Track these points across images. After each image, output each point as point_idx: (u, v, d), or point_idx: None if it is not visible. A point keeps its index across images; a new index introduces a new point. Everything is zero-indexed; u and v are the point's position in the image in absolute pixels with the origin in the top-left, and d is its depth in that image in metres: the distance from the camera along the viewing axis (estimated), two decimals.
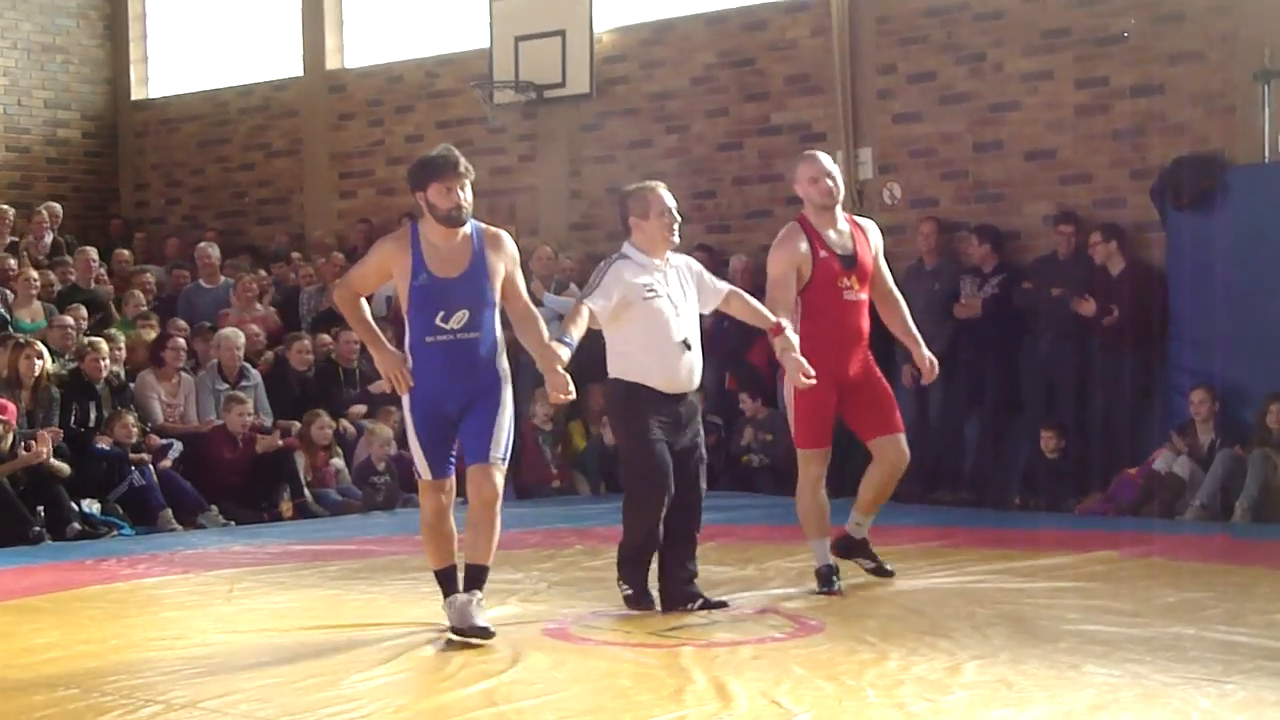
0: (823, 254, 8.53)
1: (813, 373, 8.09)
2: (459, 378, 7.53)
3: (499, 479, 7.58)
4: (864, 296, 8.65)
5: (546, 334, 7.77)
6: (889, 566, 9.08)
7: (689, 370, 8.14)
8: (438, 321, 7.48)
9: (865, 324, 8.67)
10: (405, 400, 7.64)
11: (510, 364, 7.82)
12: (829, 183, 8.60)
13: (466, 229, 7.57)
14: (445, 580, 7.72)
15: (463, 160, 7.53)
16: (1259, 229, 12.71)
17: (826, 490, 8.73)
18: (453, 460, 7.69)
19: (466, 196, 7.50)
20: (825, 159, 8.73)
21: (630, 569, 8.20)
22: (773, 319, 8.21)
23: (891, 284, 8.94)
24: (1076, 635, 7.43)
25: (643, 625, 7.85)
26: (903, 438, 8.76)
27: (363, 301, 7.77)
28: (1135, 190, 13.60)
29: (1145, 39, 13.65)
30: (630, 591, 8.18)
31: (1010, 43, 14.37)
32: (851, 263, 8.59)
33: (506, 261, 7.68)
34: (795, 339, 8.15)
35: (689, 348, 8.12)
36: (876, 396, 8.71)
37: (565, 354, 7.75)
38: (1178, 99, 13.40)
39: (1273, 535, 11.18)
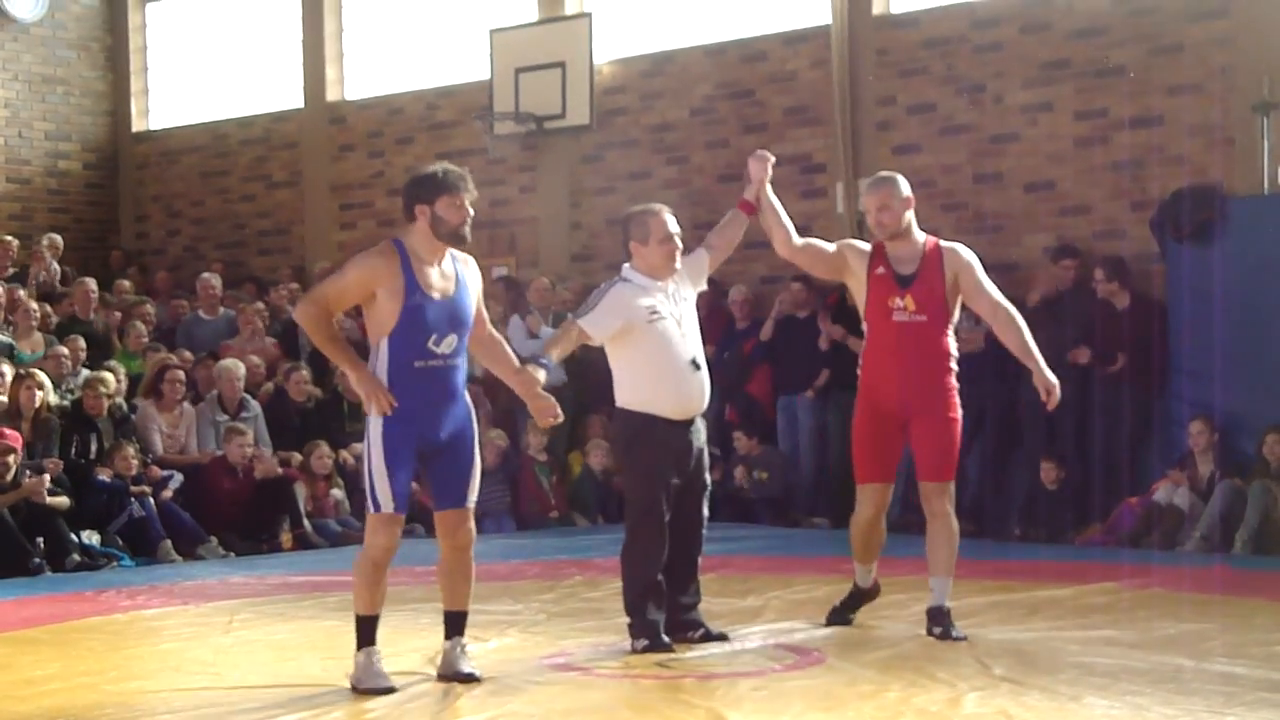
0: (879, 270, 8.24)
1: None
2: (442, 406, 7.17)
3: (473, 524, 7.37)
4: (922, 319, 8.16)
5: (515, 359, 7.64)
6: (956, 633, 8.20)
7: (700, 391, 8.00)
8: (429, 345, 7.07)
9: (926, 348, 8.19)
10: (376, 426, 7.10)
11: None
12: (875, 216, 8.29)
13: (445, 250, 7.21)
14: (371, 628, 7.33)
15: (470, 178, 7.28)
16: (1259, 260, 12.72)
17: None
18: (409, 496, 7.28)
19: (471, 211, 7.22)
20: (883, 188, 8.32)
21: (640, 619, 7.97)
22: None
23: (996, 301, 8.28)
24: (1077, 667, 7.42)
25: (643, 656, 7.82)
26: (942, 488, 8.25)
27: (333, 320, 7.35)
28: (1135, 222, 13.62)
29: (1145, 71, 13.69)
30: (645, 643, 7.89)
31: (1010, 75, 14.41)
32: (907, 282, 8.20)
33: (479, 286, 7.38)
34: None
35: (698, 367, 7.99)
36: (929, 435, 8.23)
37: (542, 375, 7.59)
38: (1177, 131, 13.43)
39: (1273, 567, 11.17)
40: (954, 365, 8.29)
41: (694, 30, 16.47)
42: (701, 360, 8.07)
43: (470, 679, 7.24)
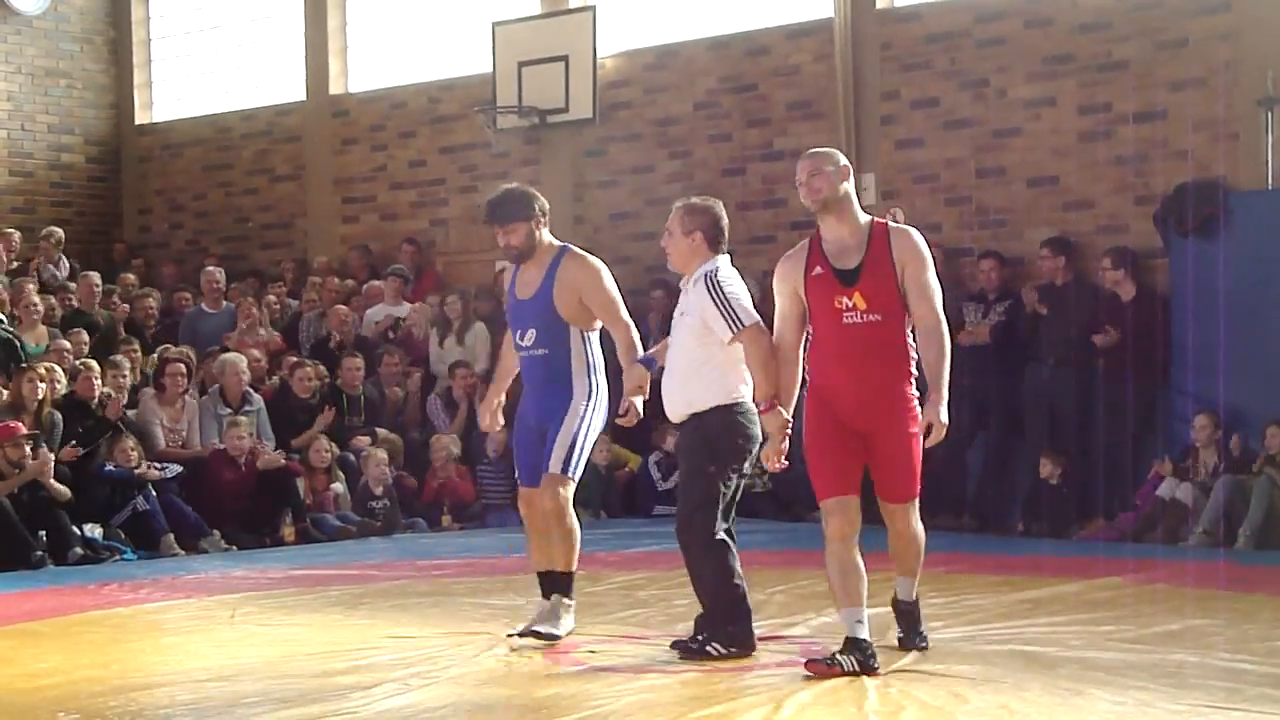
0: (816, 270, 7.31)
1: (785, 464, 7.46)
2: (534, 391, 8.15)
3: (558, 490, 8.06)
4: (875, 318, 7.23)
5: (633, 353, 8.00)
6: (921, 641, 7.79)
7: (667, 397, 7.79)
8: (517, 339, 8.20)
9: (884, 353, 7.29)
10: None
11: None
12: (806, 184, 7.38)
13: (553, 254, 8.11)
14: (544, 581, 8.34)
15: (501, 208, 8.12)
16: (1262, 255, 12.72)
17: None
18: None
19: (513, 240, 8.09)
20: (811, 157, 7.45)
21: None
22: (763, 391, 7.41)
23: (930, 309, 7.30)
24: (1079, 662, 7.42)
25: (645, 651, 7.83)
26: (907, 509, 7.56)
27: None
28: (1138, 216, 13.61)
29: (1148, 65, 13.68)
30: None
31: (1013, 69, 14.39)
32: (852, 278, 7.24)
33: (579, 283, 8.03)
34: (780, 420, 7.36)
35: (665, 373, 7.81)
36: (889, 454, 7.41)
37: (639, 373, 7.89)
38: (1181, 125, 13.42)
39: (1276, 561, 11.16)
40: (914, 369, 7.38)
41: (697, 23, 16.46)
42: (676, 368, 7.71)
43: (536, 635, 8.03)
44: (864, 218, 7.44)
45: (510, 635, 8.19)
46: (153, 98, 20.88)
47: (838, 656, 7.12)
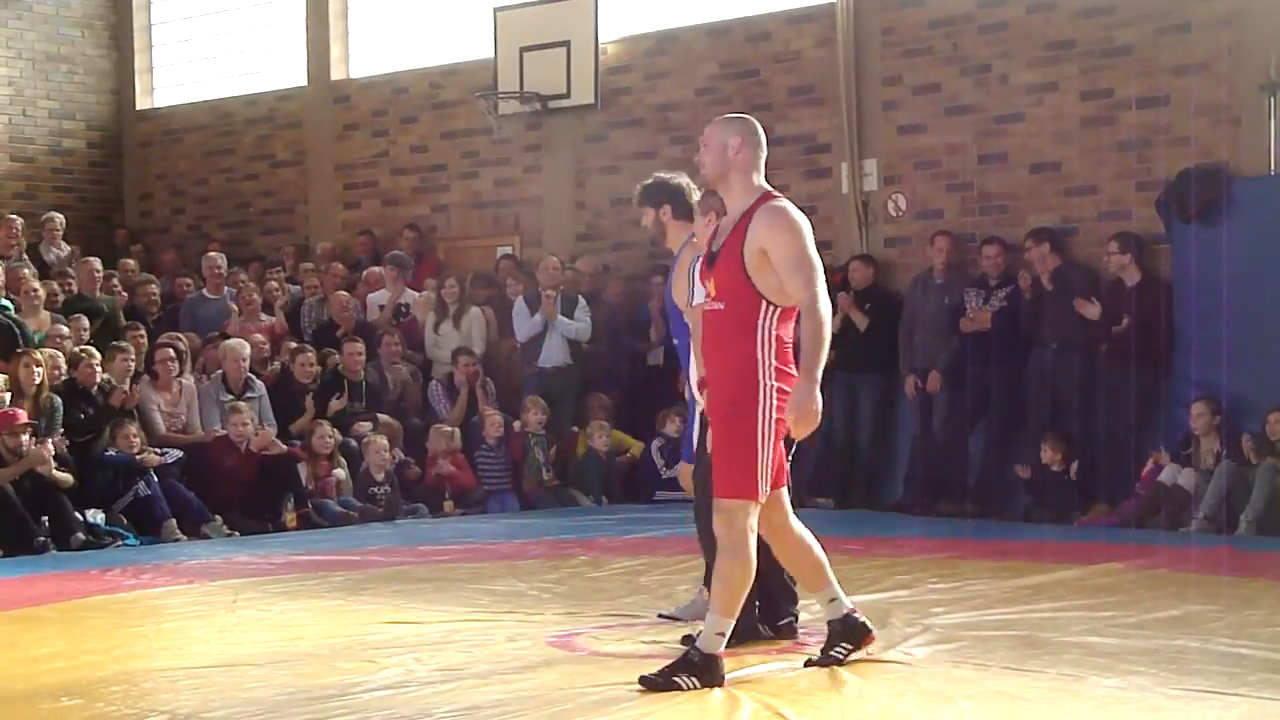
0: (702, 251, 6.94)
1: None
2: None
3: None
4: (719, 307, 6.60)
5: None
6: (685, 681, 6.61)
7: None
8: None
9: (730, 345, 6.58)
10: None
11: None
12: (699, 156, 6.97)
13: (679, 247, 7.98)
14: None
15: (639, 190, 8.21)
16: (1265, 241, 12.70)
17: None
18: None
19: (643, 221, 8.23)
20: (711, 125, 7.10)
21: None
22: (697, 371, 7.16)
23: (800, 285, 6.47)
24: (1080, 647, 7.42)
25: (646, 637, 7.83)
26: (716, 505, 6.58)
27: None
28: (1141, 202, 13.59)
29: (1151, 50, 13.65)
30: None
31: (1015, 54, 14.37)
32: (711, 263, 6.69)
33: (687, 265, 7.77)
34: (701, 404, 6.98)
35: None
36: (713, 441, 6.76)
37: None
38: (1183, 111, 13.39)
39: (1277, 547, 11.16)
40: (762, 375, 6.55)
41: (698, 9, 16.43)
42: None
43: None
44: (754, 193, 6.75)
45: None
46: (154, 83, 20.86)
47: (830, 653, 7.00)
